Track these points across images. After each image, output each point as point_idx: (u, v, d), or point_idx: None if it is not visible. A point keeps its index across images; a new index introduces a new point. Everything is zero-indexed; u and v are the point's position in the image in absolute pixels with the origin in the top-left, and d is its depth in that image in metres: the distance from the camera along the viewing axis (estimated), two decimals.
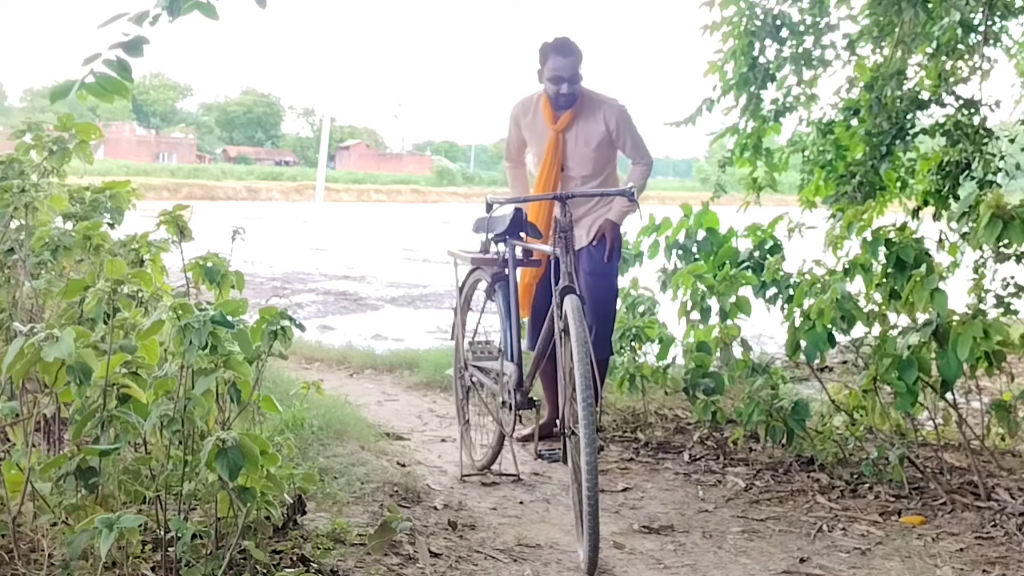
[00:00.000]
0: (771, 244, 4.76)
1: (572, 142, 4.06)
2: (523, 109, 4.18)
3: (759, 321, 4.73)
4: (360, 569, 2.62)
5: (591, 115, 4.04)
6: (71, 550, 2.04)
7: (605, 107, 4.04)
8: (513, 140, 4.29)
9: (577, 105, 4.02)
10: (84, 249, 2.94)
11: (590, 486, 2.81)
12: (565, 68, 3.93)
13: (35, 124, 3.31)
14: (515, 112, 4.22)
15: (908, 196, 5.95)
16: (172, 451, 2.29)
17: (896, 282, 3.63)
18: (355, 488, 3.31)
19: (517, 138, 4.26)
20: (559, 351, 3.24)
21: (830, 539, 3.24)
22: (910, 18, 5.06)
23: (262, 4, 2.30)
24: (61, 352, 2.07)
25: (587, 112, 4.04)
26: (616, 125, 4.04)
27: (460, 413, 4.03)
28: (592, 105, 4.04)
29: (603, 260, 4.03)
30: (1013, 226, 3.37)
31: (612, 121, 4.03)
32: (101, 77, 2.18)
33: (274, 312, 2.41)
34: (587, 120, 4.04)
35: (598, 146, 4.05)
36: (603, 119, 4.03)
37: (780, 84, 5.69)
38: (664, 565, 2.98)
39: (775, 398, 3.98)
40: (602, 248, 4.04)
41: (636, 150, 4.11)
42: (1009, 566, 2.98)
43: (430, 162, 72.69)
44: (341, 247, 18.99)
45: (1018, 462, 3.96)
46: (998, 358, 3.39)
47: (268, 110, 78.09)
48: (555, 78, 3.95)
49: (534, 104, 4.14)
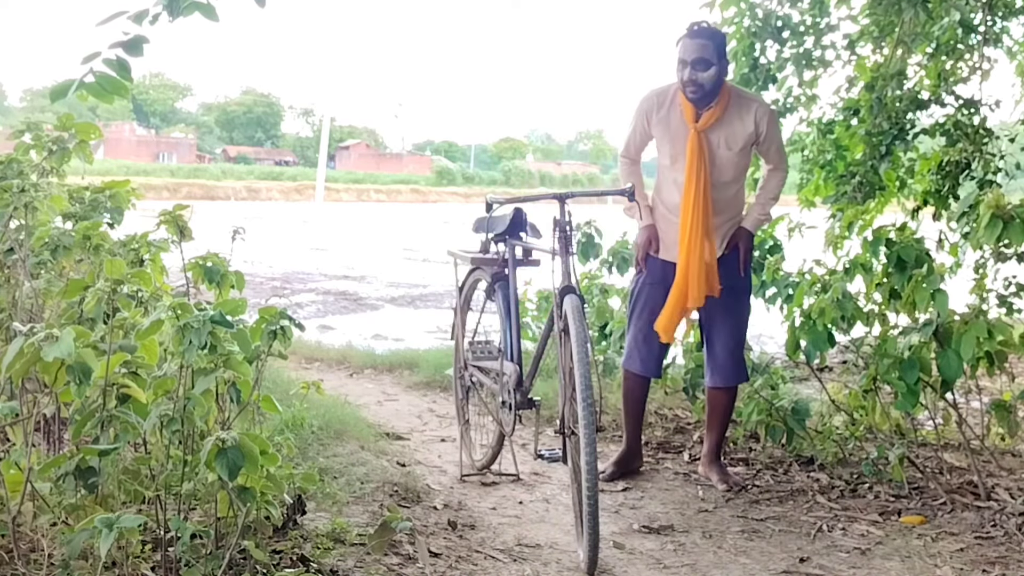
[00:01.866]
0: (771, 244, 4.77)
1: (715, 144, 3.65)
2: (658, 102, 3.74)
3: (759, 321, 4.74)
4: (360, 569, 2.62)
5: (738, 114, 3.65)
6: (71, 550, 2.03)
7: (756, 106, 3.69)
8: (637, 134, 3.82)
9: (722, 102, 3.63)
10: (84, 249, 2.94)
11: (590, 486, 2.81)
12: (690, 50, 3.55)
13: (35, 124, 3.31)
14: (646, 104, 3.77)
15: (907, 196, 5.95)
16: (172, 451, 2.29)
17: (896, 282, 3.63)
18: (355, 488, 3.31)
19: (642, 132, 3.80)
20: (559, 351, 3.23)
21: (830, 539, 3.24)
22: (910, 18, 5.06)
23: (261, 4, 2.30)
24: (61, 352, 2.07)
25: (734, 111, 3.65)
26: (767, 127, 3.67)
27: (460, 413, 4.02)
28: (740, 103, 3.67)
29: (738, 273, 3.72)
30: (1013, 226, 3.37)
31: (764, 122, 3.65)
32: (101, 77, 2.18)
33: (274, 312, 2.41)
34: (733, 120, 3.65)
35: (742, 149, 3.67)
36: (754, 120, 3.64)
37: (780, 85, 5.69)
38: (664, 565, 2.98)
39: (775, 398, 3.98)
40: (734, 259, 3.72)
41: (779, 155, 3.80)
42: (1009, 566, 2.98)
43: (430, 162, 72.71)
44: (341, 247, 18.99)
45: (1018, 462, 3.96)
46: (1000, 358, 3.39)
47: (268, 110, 78.13)
48: (680, 62, 3.57)
49: (671, 97, 3.72)
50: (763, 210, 3.78)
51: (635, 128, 3.82)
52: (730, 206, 3.74)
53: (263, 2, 2.29)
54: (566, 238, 3.29)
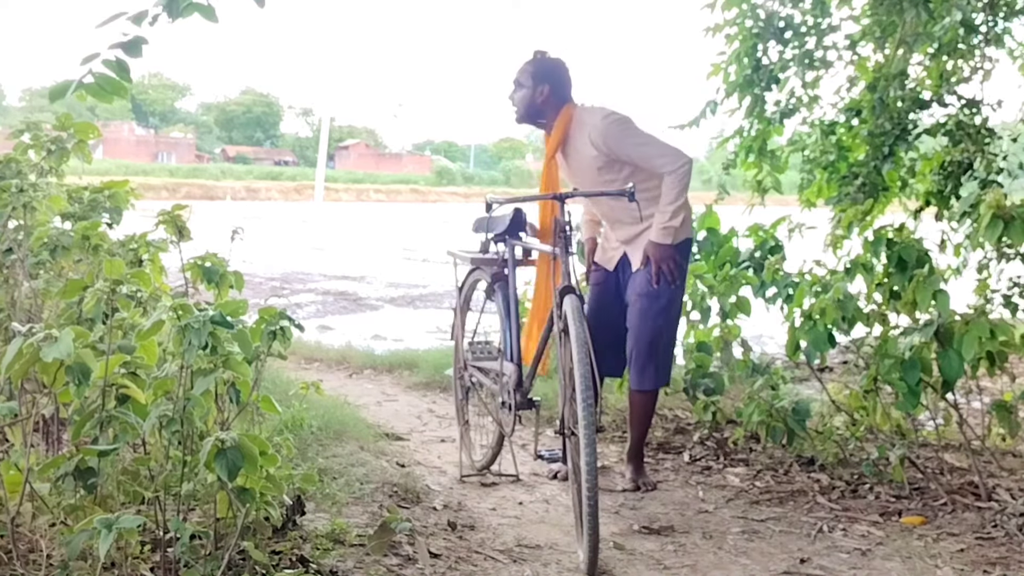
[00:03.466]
0: (772, 244, 4.76)
1: (565, 167, 3.65)
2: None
3: (759, 321, 4.73)
4: (359, 569, 2.61)
5: (577, 135, 3.55)
6: (70, 550, 2.03)
7: (588, 127, 3.50)
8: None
9: (562, 125, 3.55)
10: (83, 249, 2.94)
11: (590, 487, 2.80)
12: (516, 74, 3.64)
13: (33, 124, 3.31)
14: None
15: (909, 196, 5.94)
16: (171, 451, 2.29)
17: (897, 282, 3.62)
18: (354, 489, 3.30)
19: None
20: (559, 351, 3.23)
21: (830, 539, 3.23)
22: (912, 18, 5.06)
23: (261, 4, 2.29)
24: (60, 352, 2.07)
25: (574, 132, 3.56)
26: (607, 144, 3.47)
27: (459, 413, 4.02)
28: (578, 124, 3.55)
29: (648, 284, 3.57)
30: (1014, 226, 3.36)
31: (600, 140, 3.47)
32: (100, 77, 2.18)
33: (273, 312, 2.41)
34: (574, 141, 3.56)
35: (602, 168, 3.52)
36: (589, 141, 3.49)
37: (782, 86, 5.69)
38: (664, 566, 2.98)
39: (775, 398, 3.98)
40: (648, 271, 3.58)
41: (652, 160, 3.49)
42: (1010, 567, 2.97)
43: (430, 162, 72.76)
44: (340, 247, 19.00)
45: (1019, 462, 3.95)
46: (1001, 358, 3.39)
47: (267, 110, 78.12)
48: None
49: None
50: (664, 218, 3.50)
51: None
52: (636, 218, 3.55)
53: (262, 2, 2.28)
54: (566, 238, 3.29)
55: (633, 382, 3.71)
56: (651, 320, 3.59)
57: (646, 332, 3.60)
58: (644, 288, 3.59)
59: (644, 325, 3.60)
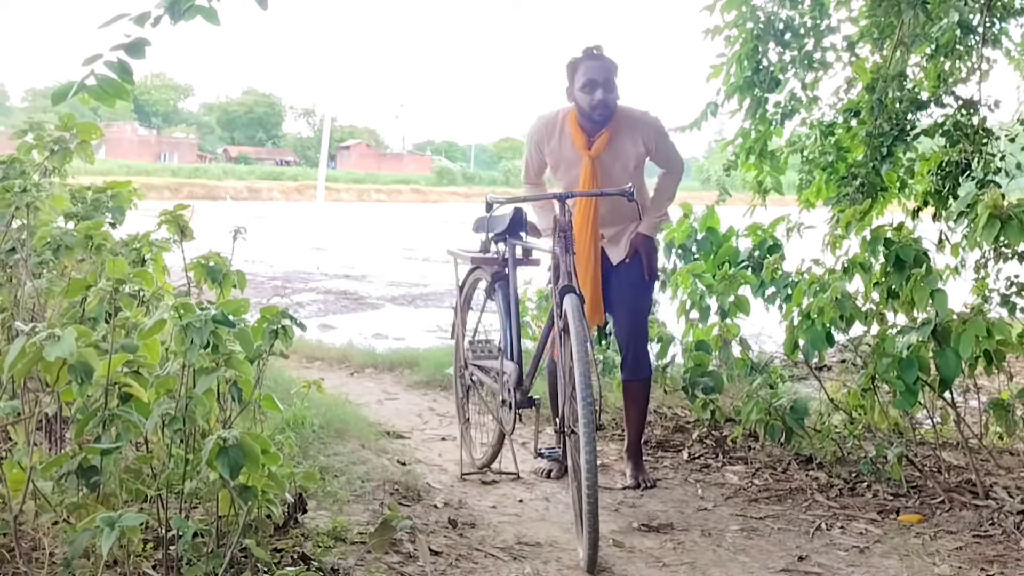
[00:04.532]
0: (771, 244, 4.77)
1: (609, 167, 3.65)
2: (546, 132, 3.72)
3: (758, 320, 4.75)
4: (361, 567, 2.63)
5: (629, 135, 3.65)
6: (72, 549, 2.04)
7: (642, 126, 3.67)
8: (533, 162, 3.83)
9: (612, 125, 3.62)
10: (86, 249, 2.94)
11: (590, 484, 2.82)
12: (599, 71, 3.54)
13: (37, 124, 3.31)
14: (536, 134, 3.75)
15: (907, 197, 5.95)
16: (173, 450, 2.30)
17: (895, 281, 3.64)
18: (355, 486, 3.32)
19: (538, 161, 3.81)
20: (560, 350, 3.25)
21: (828, 537, 3.25)
22: (909, 19, 5.06)
23: (263, 5, 2.31)
24: (63, 351, 2.08)
25: (624, 132, 3.64)
26: (656, 143, 3.70)
27: (460, 412, 4.04)
28: (629, 124, 3.65)
29: (641, 276, 3.74)
30: (1011, 226, 3.37)
31: (653, 141, 3.68)
32: (102, 79, 2.19)
33: (275, 311, 2.42)
34: (623, 141, 3.64)
35: (636, 167, 3.69)
36: (641, 140, 3.65)
37: (782, 87, 5.69)
38: (663, 563, 2.99)
39: (774, 397, 3.99)
40: (637, 263, 3.74)
41: (669, 162, 3.80)
42: (1007, 564, 2.99)
43: (430, 162, 72.75)
44: (342, 246, 19.00)
45: (1016, 461, 3.97)
46: (998, 357, 3.40)
47: (269, 110, 78.15)
48: (589, 83, 3.54)
49: (559, 126, 3.69)
50: (659, 213, 3.80)
51: (530, 156, 3.83)
52: (627, 215, 3.67)
53: (265, 3, 2.30)
54: (566, 238, 3.30)
55: (631, 372, 3.77)
56: (644, 310, 3.83)
57: (641, 321, 3.81)
58: (638, 280, 3.77)
59: (639, 315, 3.80)
